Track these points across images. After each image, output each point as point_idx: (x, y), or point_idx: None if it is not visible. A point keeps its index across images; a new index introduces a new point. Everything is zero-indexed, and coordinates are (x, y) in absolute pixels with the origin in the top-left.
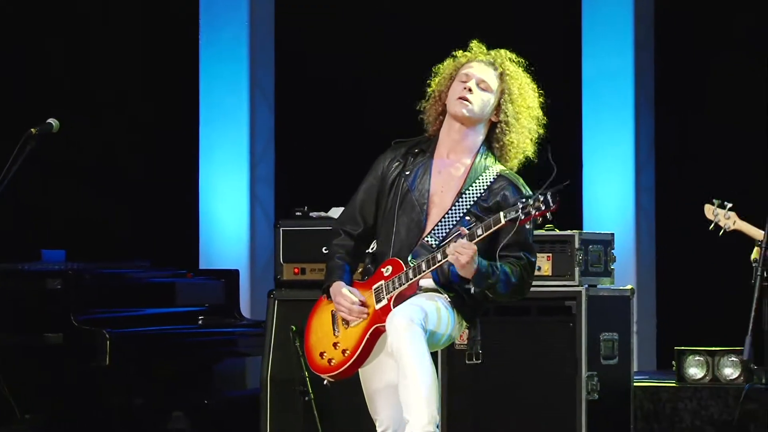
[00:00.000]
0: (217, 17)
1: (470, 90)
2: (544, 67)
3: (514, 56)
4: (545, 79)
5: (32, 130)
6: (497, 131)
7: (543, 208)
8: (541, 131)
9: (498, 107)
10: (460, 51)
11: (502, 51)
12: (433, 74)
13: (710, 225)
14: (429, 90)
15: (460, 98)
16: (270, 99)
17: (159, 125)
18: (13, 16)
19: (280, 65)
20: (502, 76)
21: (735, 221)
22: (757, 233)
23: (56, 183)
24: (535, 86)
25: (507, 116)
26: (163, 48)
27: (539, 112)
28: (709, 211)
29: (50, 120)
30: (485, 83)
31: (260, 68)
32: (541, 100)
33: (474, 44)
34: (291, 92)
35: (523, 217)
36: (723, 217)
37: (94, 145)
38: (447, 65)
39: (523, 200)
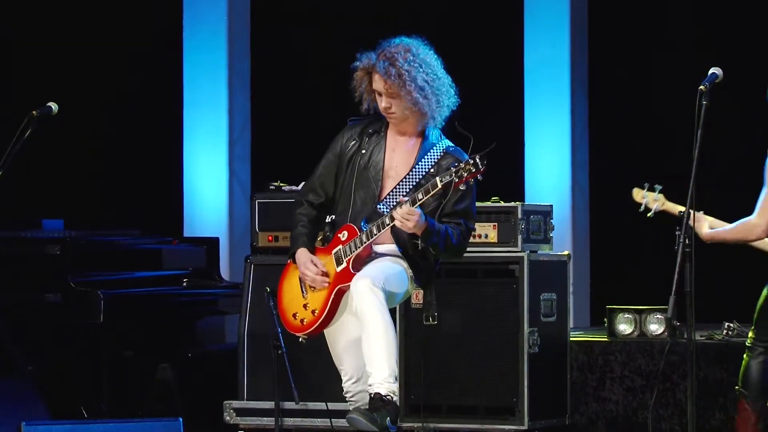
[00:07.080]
0: (198, 12)
1: (387, 107)
2: (490, 58)
3: (397, 44)
4: (491, 68)
5: (33, 112)
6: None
7: (473, 170)
8: (449, 83)
9: (410, 96)
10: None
11: (386, 52)
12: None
13: (639, 207)
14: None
15: (385, 113)
16: (246, 86)
17: (148, 110)
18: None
19: (255, 55)
20: (394, 77)
21: (663, 203)
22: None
23: (57, 160)
24: (425, 54)
25: (417, 100)
26: (151, 41)
27: (439, 71)
28: (638, 194)
29: (50, 104)
30: (390, 92)
31: (237, 58)
32: (432, 56)
33: (364, 60)
34: (265, 80)
35: (457, 180)
36: (651, 199)
37: (91, 128)
38: (358, 76)
39: (456, 164)
